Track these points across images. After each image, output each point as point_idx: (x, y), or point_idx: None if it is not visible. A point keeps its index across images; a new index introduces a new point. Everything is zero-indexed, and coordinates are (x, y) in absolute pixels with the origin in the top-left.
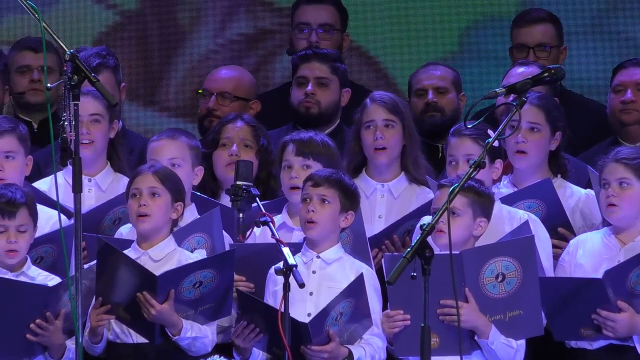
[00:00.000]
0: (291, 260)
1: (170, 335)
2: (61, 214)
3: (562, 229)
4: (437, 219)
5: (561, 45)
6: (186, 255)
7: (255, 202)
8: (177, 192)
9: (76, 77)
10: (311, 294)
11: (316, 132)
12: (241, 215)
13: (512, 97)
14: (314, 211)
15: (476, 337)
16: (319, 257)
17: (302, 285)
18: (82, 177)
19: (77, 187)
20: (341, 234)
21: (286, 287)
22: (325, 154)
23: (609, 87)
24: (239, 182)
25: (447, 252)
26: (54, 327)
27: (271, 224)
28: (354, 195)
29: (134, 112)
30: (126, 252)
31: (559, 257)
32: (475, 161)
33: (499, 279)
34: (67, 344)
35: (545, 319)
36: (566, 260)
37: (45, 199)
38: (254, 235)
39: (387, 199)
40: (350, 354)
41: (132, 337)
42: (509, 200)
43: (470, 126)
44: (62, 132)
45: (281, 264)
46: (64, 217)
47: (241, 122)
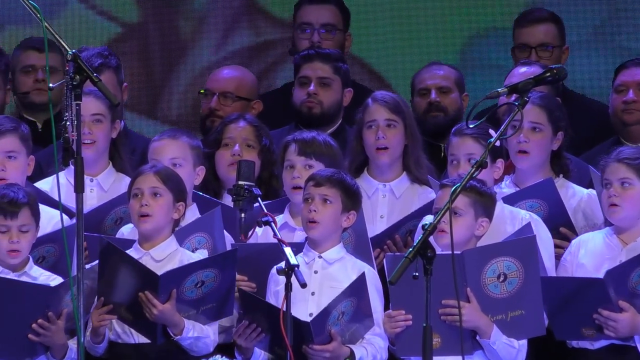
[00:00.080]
0: (293, 260)
1: (172, 335)
2: (63, 213)
3: (564, 228)
4: (439, 218)
5: (563, 45)
6: (188, 255)
7: (257, 202)
8: (179, 192)
9: (78, 77)
10: (313, 294)
11: (318, 132)
12: (243, 215)
13: (514, 97)
14: (315, 211)
15: (478, 337)
16: (320, 257)
17: (304, 285)
18: (84, 177)
19: (79, 187)
20: (343, 233)
21: (288, 287)
22: (327, 154)
23: (610, 87)
24: (240, 182)
25: (449, 252)
26: (56, 327)
27: (273, 224)
28: (356, 195)
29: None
30: (128, 252)
31: (560, 257)
32: (477, 161)
33: (501, 279)
34: (69, 344)
35: (546, 318)
36: (568, 260)
37: (47, 199)
38: (256, 235)
39: (388, 199)
40: (352, 353)
41: (134, 337)
42: (510, 200)
43: (472, 126)
44: (64, 132)
45: (283, 264)
46: (65, 217)
47: (244, 122)
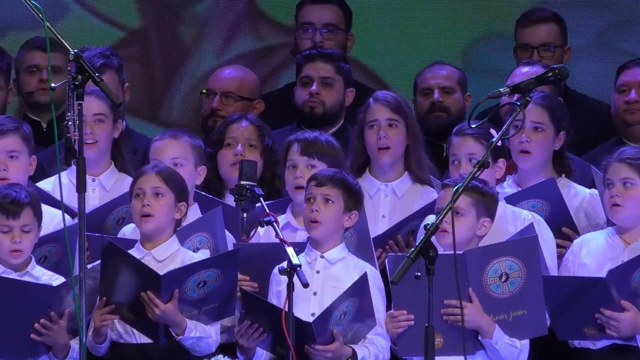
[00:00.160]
0: (295, 260)
1: (174, 335)
2: (65, 213)
3: (566, 228)
4: (441, 218)
5: (565, 45)
6: (190, 255)
7: (259, 202)
8: (181, 192)
9: (80, 77)
10: (315, 293)
11: (321, 132)
12: (245, 215)
13: (516, 96)
14: (317, 211)
15: (480, 337)
16: (322, 257)
17: (306, 285)
18: (86, 176)
19: (81, 187)
20: (345, 233)
21: (290, 286)
22: (330, 153)
23: (612, 87)
24: (242, 182)
25: (451, 252)
26: (58, 327)
27: (275, 224)
28: (358, 194)
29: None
30: (130, 252)
31: (563, 257)
32: (479, 161)
33: (503, 278)
34: (71, 344)
35: (548, 318)
36: (570, 259)
37: (49, 199)
38: (258, 235)
39: (390, 199)
40: (354, 353)
41: (136, 337)
42: (513, 199)
43: (474, 126)
44: (67, 131)
45: (285, 264)
46: (67, 216)
47: (246, 122)
